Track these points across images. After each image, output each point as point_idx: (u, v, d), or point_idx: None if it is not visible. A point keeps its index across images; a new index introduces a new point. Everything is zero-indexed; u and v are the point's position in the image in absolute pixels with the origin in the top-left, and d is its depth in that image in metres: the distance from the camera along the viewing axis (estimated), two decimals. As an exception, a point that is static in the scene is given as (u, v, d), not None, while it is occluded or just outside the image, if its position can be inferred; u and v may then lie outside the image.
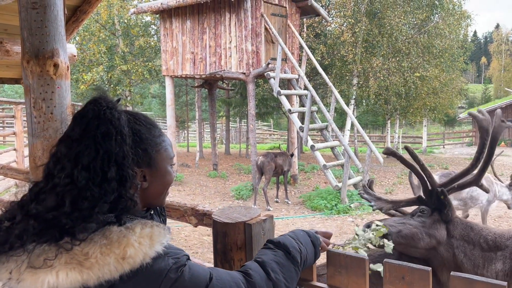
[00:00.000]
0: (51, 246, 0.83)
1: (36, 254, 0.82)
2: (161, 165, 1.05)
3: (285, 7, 11.60)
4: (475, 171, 2.06)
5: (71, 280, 0.80)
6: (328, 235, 1.35)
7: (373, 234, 1.74)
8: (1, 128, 19.15)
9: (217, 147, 14.73)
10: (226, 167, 14.74)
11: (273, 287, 1.03)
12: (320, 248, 1.27)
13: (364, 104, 20.50)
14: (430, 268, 1.11)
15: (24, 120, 9.27)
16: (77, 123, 0.92)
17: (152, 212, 1.11)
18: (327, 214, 8.74)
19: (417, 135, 26.41)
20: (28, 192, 0.91)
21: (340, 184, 9.36)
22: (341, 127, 18.44)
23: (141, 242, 0.86)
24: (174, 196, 10.33)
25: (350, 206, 8.95)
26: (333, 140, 11.19)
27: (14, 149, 9.10)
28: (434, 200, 2.02)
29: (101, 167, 0.88)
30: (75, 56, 4.96)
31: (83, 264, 0.81)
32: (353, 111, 16.85)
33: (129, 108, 15.69)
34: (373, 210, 2.36)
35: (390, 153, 2.23)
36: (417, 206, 2.12)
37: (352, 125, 12.98)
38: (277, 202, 10.08)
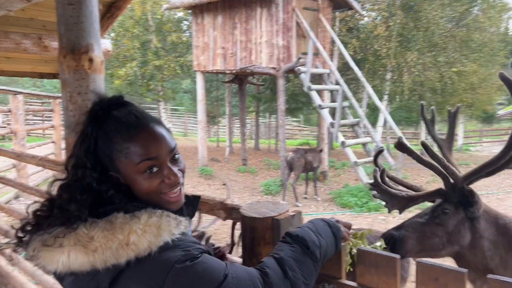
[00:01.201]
0: (63, 228, 0.93)
1: (52, 235, 0.92)
2: (124, 173, 0.99)
3: (317, 1, 11.44)
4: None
5: (81, 261, 0.87)
6: (348, 226, 1.29)
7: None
8: (41, 122, 19.96)
9: (247, 142, 14.78)
10: (255, 162, 14.77)
11: (291, 286, 0.98)
12: (342, 239, 1.20)
13: (397, 99, 20.01)
14: (466, 270, 1.06)
15: (62, 114, 9.60)
16: None
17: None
18: (357, 212, 8.60)
19: (453, 132, 25.49)
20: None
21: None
22: (374, 123, 18.07)
23: (146, 230, 0.89)
24: (204, 190, 10.47)
25: (381, 204, 8.77)
26: (365, 137, 10.99)
27: (53, 142, 9.46)
28: (458, 195, 1.82)
29: (75, 166, 0.99)
30: (109, 51, 5.08)
31: (88, 246, 0.88)
32: (386, 107, 16.46)
33: (161, 103, 15.96)
34: (389, 212, 1.98)
35: (399, 147, 1.88)
36: (438, 202, 1.89)
37: (385, 121, 12.69)
38: (306, 198, 10.02)
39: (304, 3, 11.09)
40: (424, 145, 1.83)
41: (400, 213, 1.95)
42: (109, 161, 0.99)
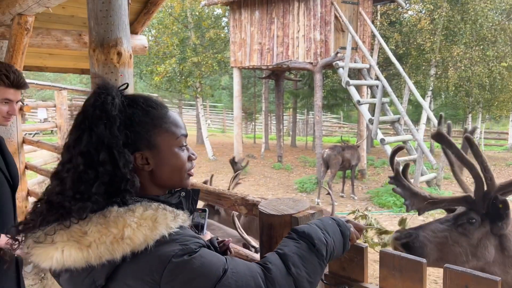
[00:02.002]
0: (55, 225, 0.89)
1: (43, 232, 0.89)
2: (162, 147, 1.01)
3: (357, -6, 11.14)
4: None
5: (74, 258, 0.85)
6: (360, 228, 1.23)
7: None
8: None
9: (283, 139, 14.68)
10: (291, 159, 14.67)
11: (294, 283, 0.94)
12: (349, 240, 1.15)
13: (442, 96, 19.19)
14: (499, 278, 0.96)
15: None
16: (80, 111, 0.98)
17: (183, 195, 1.07)
18: (395, 212, 8.32)
19: (503, 130, 24.15)
20: None
21: (412, 181, 8.86)
22: (417, 121, 17.43)
23: (141, 224, 0.87)
24: (238, 186, 10.50)
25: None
26: (406, 134, 10.59)
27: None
28: (487, 206, 1.66)
29: (94, 151, 0.91)
30: (146, 47, 5.16)
31: (81, 242, 0.85)
32: (430, 103, 15.81)
33: (199, 100, 16.15)
34: (408, 211, 1.95)
35: (438, 137, 1.72)
36: (462, 210, 1.74)
37: (428, 119, 12.18)
38: (342, 197, 9.81)
39: (343, -4, 10.84)
40: (468, 140, 1.67)
41: (419, 214, 1.81)
42: (147, 137, 0.99)
